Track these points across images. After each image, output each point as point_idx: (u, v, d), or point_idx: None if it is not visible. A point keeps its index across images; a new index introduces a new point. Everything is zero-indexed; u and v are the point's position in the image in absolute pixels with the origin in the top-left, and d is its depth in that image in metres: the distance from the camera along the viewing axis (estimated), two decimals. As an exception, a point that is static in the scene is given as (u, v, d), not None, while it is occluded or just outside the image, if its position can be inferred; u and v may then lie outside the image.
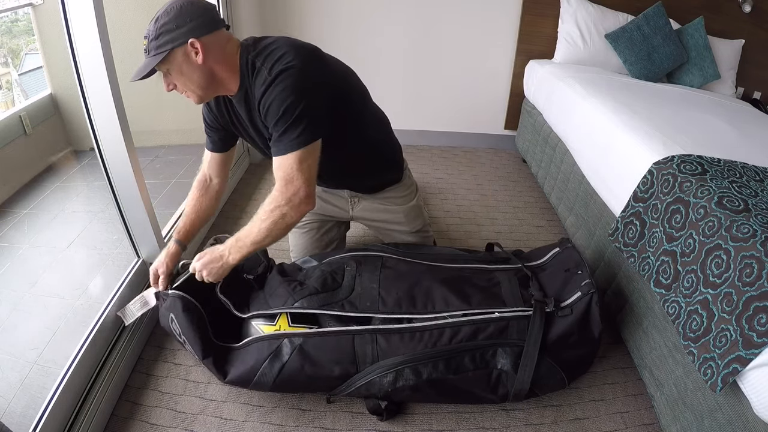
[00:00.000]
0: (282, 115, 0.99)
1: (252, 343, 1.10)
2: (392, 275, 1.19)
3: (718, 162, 1.23)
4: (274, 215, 1.04)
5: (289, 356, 1.07)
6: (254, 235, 1.06)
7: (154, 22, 0.97)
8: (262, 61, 1.01)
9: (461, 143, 2.75)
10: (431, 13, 2.39)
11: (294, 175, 1.01)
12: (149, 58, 0.99)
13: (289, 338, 1.08)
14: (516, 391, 1.11)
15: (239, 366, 1.09)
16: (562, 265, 1.24)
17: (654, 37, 2.16)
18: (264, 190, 2.14)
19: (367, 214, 1.44)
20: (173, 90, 1.05)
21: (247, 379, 1.09)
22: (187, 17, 0.97)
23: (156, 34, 0.97)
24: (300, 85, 0.98)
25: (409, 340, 1.07)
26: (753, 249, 0.91)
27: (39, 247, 1.80)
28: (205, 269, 1.10)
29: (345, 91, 1.14)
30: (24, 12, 2.24)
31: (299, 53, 1.01)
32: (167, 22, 0.96)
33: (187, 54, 0.99)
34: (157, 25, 0.97)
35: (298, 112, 0.98)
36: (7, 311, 1.51)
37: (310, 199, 1.05)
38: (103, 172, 1.24)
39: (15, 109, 2.13)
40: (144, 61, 1.00)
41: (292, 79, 0.98)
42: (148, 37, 0.98)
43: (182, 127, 2.57)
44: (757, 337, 0.84)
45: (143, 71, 0.99)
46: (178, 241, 1.23)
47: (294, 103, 0.98)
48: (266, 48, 1.03)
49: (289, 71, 0.98)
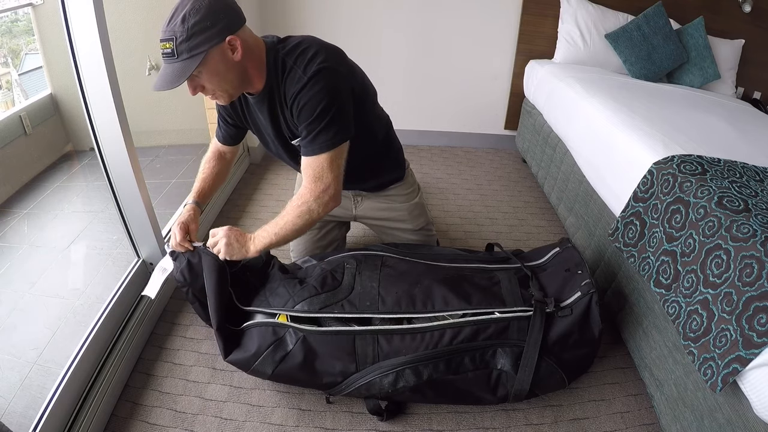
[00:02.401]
0: (317, 116, 1.00)
1: (257, 326, 1.11)
2: (392, 274, 1.19)
3: (718, 162, 1.23)
4: (301, 210, 1.07)
5: (293, 346, 1.08)
6: (279, 228, 1.09)
7: (181, 23, 0.89)
8: (293, 60, 1.01)
9: (461, 143, 2.76)
10: (431, 13, 2.39)
11: (324, 174, 1.05)
12: (183, 62, 0.91)
13: (294, 329, 1.09)
14: (516, 392, 1.11)
15: (242, 348, 1.11)
16: (562, 265, 1.24)
17: (654, 37, 2.16)
18: (264, 190, 2.14)
19: (370, 213, 1.44)
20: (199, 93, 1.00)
21: (249, 362, 1.10)
22: (220, 13, 0.92)
23: (188, 34, 0.89)
24: (335, 86, 1.01)
25: (410, 341, 1.07)
26: (753, 249, 0.91)
27: (39, 247, 1.80)
28: (227, 245, 1.10)
29: (364, 93, 1.16)
30: (24, 12, 2.24)
31: (331, 54, 1.02)
32: (199, 20, 0.89)
33: (224, 52, 0.94)
34: (187, 24, 0.89)
35: (332, 114, 1.01)
36: (7, 311, 1.51)
37: (337, 197, 1.09)
38: (103, 172, 1.24)
39: (15, 109, 2.13)
40: (174, 67, 0.92)
41: (326, 81, 0.99)
42: (174, 40, 0.90)
43: (182, 127, 2.57)
44: (757, 337, 0.84)
45: (179, 77, 0.91)
46: (196, 203, 1.24)
47: (329, 105, 1.00)
48: (296, 47, 1.02)
49: (323, 72, 0.99)
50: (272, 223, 1.11)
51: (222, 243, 1.11)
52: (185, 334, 1.35)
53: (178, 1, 0.92)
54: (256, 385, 1.21)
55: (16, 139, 2.07)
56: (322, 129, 1.01)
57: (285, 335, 1.09)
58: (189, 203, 1.24)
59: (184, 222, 1.17)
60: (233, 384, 1.21)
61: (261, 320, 1.12)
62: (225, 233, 1.12)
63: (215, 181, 1.29)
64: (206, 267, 1.11)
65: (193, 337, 1.34)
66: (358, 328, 1.08)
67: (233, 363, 1.13)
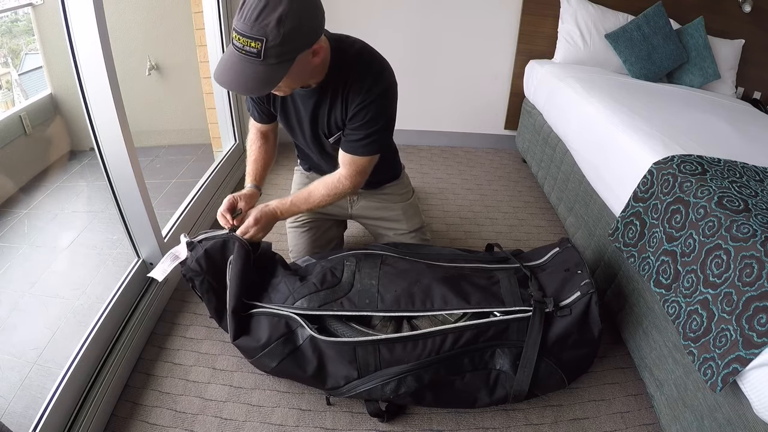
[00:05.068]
0: (376, 129, 1.11)
1: (270, 315, 1.12)
2: (392, 272, 1.19)
3: (718, 162, 1.23)
4: (338, 190, 1.20)
5: (302, 341, 1.09)
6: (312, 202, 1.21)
7: (276, 25, 0.82)
8: (364, 67, 1.07)
9: (461, 143, 2.75)
10: (431, 13, 2.39)
11: (366, 169, 1.19)
12: (270, 67, 0.87)
13: (302, 328, 1.10)
14: (515, 392, 1.10)
15: (252, 336, 1.12)
16: (562, 265, 1.24)
17: (654, 37, 2.16)
18: (263, 190, 2.13)
19: (365, 212, 1.46)
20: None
21: (256, 350, 1.12)
22: (314, 18, 0.89)
23: (282, 39, 0.83)
24: (395, 105, 1.15)
25: (412, 348, 1.06)
26: (753, 249, 0.91)
27: (39, 247, 1.80)
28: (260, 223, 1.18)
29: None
30: (24, 12, 2.24)
31: (389, 69, 1.11)
32: (296, 26, 0.84)
33: (307, 57, 0.93)
34: (284, 29, 0.83)
35: (386, 125, 1.14)
36: (7, 311, 1.51)
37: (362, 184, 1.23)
38: (103, 172, 1.24)
39: (15, 109, 2.13)
40: (257, 69, 0.86)
41: (390, 100, 1.12)
42: (263, 41, 0.83)
43: (182, 127, 2.57)
44: (757, 337, 0.84)
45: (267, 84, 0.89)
46: (255, 186, 1.31)
47: (388, 120, 1.14)
48: (362, 53, 1.09)
49: (390, 91, 1.10)
50: (305, 198, 1.21)
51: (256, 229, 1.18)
52: (185, 334, 1.35)
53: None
54: (256, 385, 1.21)
55: (16, 139, 2.07)
56: (375, 139, 1.13)
57: (297, 329, 1.10)
58: (249, 186, 1.29)
59: (235, 196, 1.23)
60: (233, 384, 1.21)
61: (274, 310, 1.12)
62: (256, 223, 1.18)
63: (266, 160, 1.34)
64: (236, 252, 1.15)
65: (193, 337, 1.34)
66: (359, 339, 1.07)
67: (240, 348, 1.15)
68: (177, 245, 1.20)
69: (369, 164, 1.19)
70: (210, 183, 1.89)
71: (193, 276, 1.16)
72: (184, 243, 1.18)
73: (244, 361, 1.26)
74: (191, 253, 1.16)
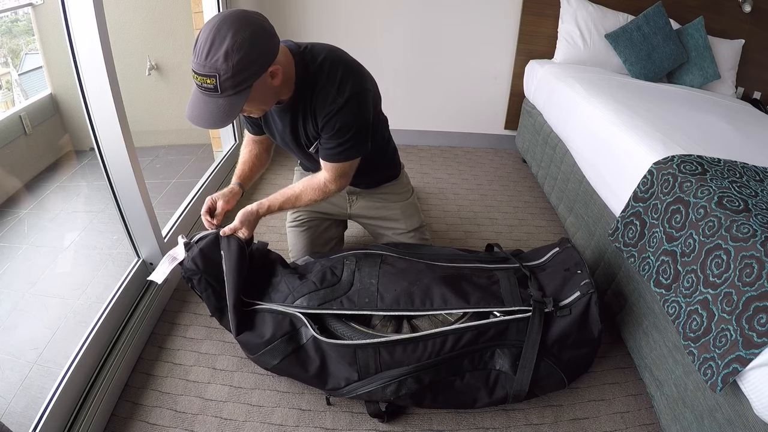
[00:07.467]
0: (348, 138, 1.10)
1: (274, 312, 1.12)
2: (391, 272, 1.19)
3: (718, 162, 1.23)
4: (321, 193, 1.22)
5: (306, 340, 1.09)
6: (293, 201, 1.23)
7: (224, 59, 0.86)
8: (325, 78, 1.05)
9: (461, 143, 2.75)
10: (431, 13, 2.39)
11: (348, 173, 1.20)
12: (228, 98, 0.91)
13: (306, 327, 1.10)
14: (515, 393, 1.10)
15: (255, 332, 1.12)
16: (562, 264, 1.24)
17: (654, 37, 2.16)
18: (263, 190, 2.14)
19: (364, 211, 1.46)
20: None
21: (258, 347, 1.12)
22: (263, 45, 0.91)
23: (233, 72, 0.87)
24: (367, 109, 1.11)
25: (412, 350, 1.06)
26: (753, 249, 0.91)
27: (39, 247, 1.80)
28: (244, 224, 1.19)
29: (378, 99, 1.21)
30: (24, 12, 2.24)
31: (361, 74, 1.10)
32: (243, 56, 0.87)
33: (265, 81, 0.95)
34: (231, 62, 0.87)
35: (360, 135, 1.12)
36: (7, 311, 1.51)
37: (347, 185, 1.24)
38: (103, 172, 1.24)
39: (15, 109, 2.13)
40: (218, 103, 0.91)
41: (360, 107, 1.08)
42: (216, 77, 0.87)
43: (182, 127, 2.57)
44: (757, 337, 0.84)
45: (228, 115, 0.92)
46: (239, 184, 1.30)
47: (360, 129, 1.11)
48: (324, 64, 1.06)
49: (359, 97, 1.07)
50: (287, 197, 1.23)
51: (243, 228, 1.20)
52: (185, 334, 1.35)
53: (211, 27, 0.88)
54: (256, 385, 1.21)
55: (16, 139, 2.07)
56: (351, 146, 1.12)
57: (301, 328, 1.10)
58: (233, 183, 1.30)
59: (213, 197, 1.24)
60: (233, 384, 1.21)
61: (279, 308, 1.12)
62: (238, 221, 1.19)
63: (254, 163, 1.35)
64: (226, 247, 1.15)
65: (193, 337, 1.34)
66: (359, 342, 1.06)
67: (243, 343, 1.15)
68: (175, 247, 1.21)
69: (350, 168, 1.19)
70: (210, 183, 1.89)
71: (191, 275, 1.16)
72: (182, 244, 1.18)
73: (244, 361, 1.26)
74: (188, 253, 1.17)
